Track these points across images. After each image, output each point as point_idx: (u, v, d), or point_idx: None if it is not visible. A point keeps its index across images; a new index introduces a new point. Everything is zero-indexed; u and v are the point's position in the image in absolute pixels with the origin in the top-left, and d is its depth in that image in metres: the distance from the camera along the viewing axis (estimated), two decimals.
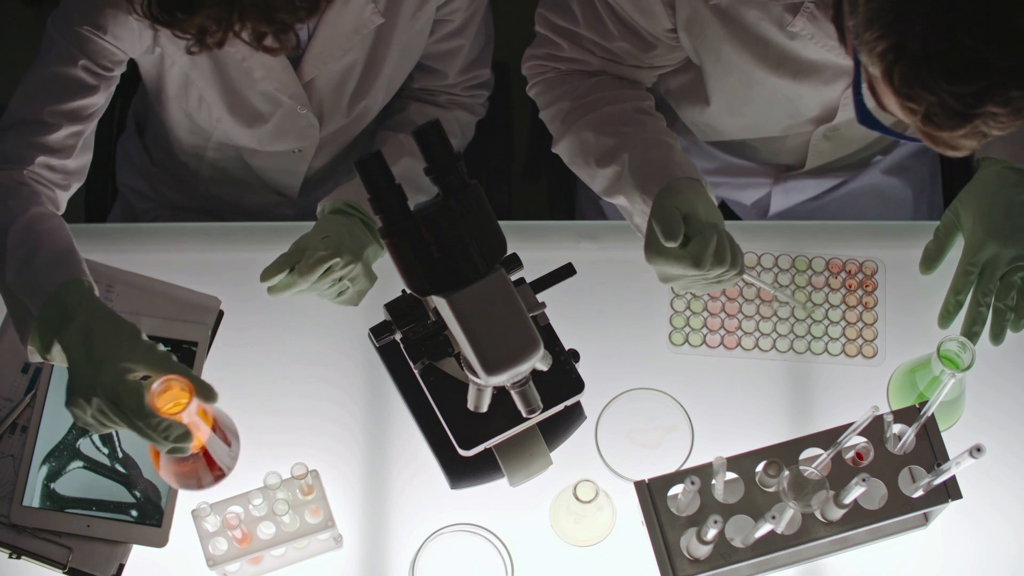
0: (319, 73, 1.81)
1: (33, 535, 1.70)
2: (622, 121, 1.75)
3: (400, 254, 1.40)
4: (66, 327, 1.54)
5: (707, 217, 1.59)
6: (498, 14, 1.91)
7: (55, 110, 1.69)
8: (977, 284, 1.75)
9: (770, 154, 2.01)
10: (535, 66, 1.85)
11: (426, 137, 1.39)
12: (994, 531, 1.72)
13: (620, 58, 1.78)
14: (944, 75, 1.28)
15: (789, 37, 1.66)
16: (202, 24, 1.45)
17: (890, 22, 1.30)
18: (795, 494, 1.52)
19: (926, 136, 1.36)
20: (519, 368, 1.42)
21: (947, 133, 1.33)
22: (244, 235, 1.89)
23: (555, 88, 1.82)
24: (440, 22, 1.84)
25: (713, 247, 1.56)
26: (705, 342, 1.82)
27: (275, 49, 1.50)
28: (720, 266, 1.57)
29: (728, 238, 1.60)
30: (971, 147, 1.36)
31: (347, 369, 1.80)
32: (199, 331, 1.80)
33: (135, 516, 1.72)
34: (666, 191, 1.61)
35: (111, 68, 1.72)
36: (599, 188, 1.77)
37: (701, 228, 1.57)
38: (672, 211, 1.57)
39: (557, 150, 1.84)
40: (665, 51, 1.76)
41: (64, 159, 1.72)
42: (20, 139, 1.69)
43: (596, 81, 1.80)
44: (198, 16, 1.44)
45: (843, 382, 1.79)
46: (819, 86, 1.74)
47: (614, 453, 1.72)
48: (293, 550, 1.69)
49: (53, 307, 1.56)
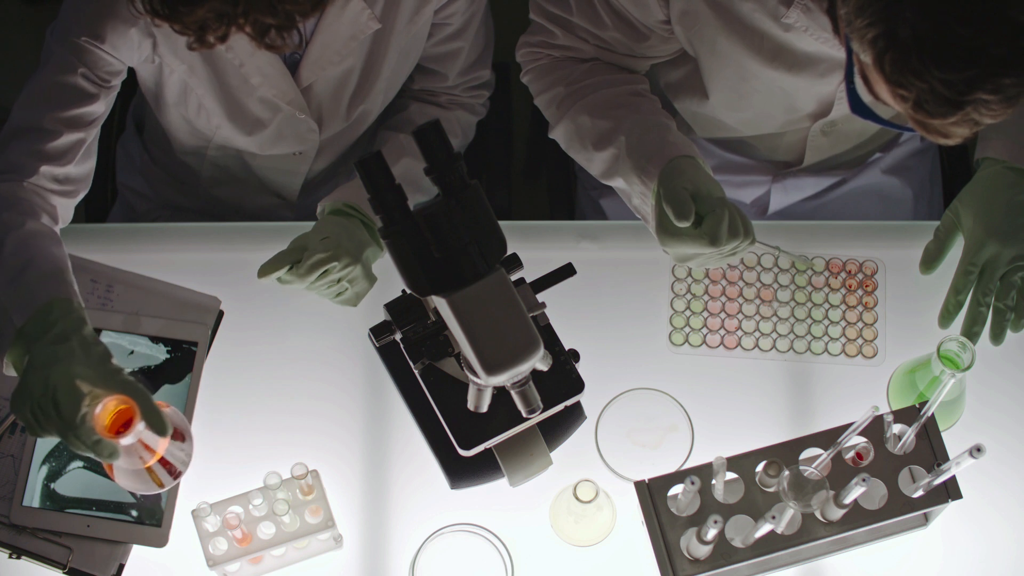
0: (317, 78, 1.81)
1: (33, 535, 1.70)
2: (617, 104, 1.76)
3: (400, 254, 1.40)
4: (42, 339, 1.53)
5: (714, 192, 1.61)
6: (498, 14, 1.91)
7: (56, 117, 1.69)
8: (977, 284, 1.75)
9: (768, 151, 2.01)
10: (529, 53, 1.86)
11: (426, 137, 1.39)
12: (994, 531, 1.72)
13: (613, 47, 1.79)
14: (935, 62, 1.28)
15: (784, 29, 1.66)
16: (204, 18, 1.43)
17: (880, 9, 1.30)
18: (795, 494, 1.52)
19: (917, 124, 1.36)
20: (519, 368, 1.42)
21: (938, 120, 1.33)
22: (244, 235, 1.89)
23: (549, 74, 1.84)
24: (438, 25, 1.84)
25: (727, 222, 1.58)
26: (705, 342, 1.82)
27: (277, 47, 1.49)
28: (735, 239, 1.60)
29: (736, 209, 1.62)
30: (963, 135, 1.36)
31: (347, 369, 1.80)
32: (199, 331, 1.80)
33: (135, 516, 1.72)
34: (669, 172, 1.63)
35: (109, 79, 1.73)
36: (597, 171, 1.79)
37: (712, 205, 1.59)
38: (681, 192, 1.59)
39: (554, 135, 1.85)
40: (658, 42, 1.77)
41: (66, 166, 1.72)
42: (22, 147, 1.69)
43: (589, 66, 1.81)
44: (201, 8, 1.42)
45: (843, 382, 1.79)
46: (815, 79, 1.74)
47: (614, 453, 1.72)
48: (293, 550, 1.69)
49: (36, 322, 1.55)
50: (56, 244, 1.67)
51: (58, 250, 1.66)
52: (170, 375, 1.79)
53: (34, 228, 1.66)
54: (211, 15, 1.42)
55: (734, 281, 1.85)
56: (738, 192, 2.08)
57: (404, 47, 1.84)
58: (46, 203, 1.71)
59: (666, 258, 1.85)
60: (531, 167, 2.57)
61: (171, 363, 1.79)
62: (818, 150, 1.96)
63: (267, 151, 1.92)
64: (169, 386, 1.78)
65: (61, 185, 1.72)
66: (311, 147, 1.94)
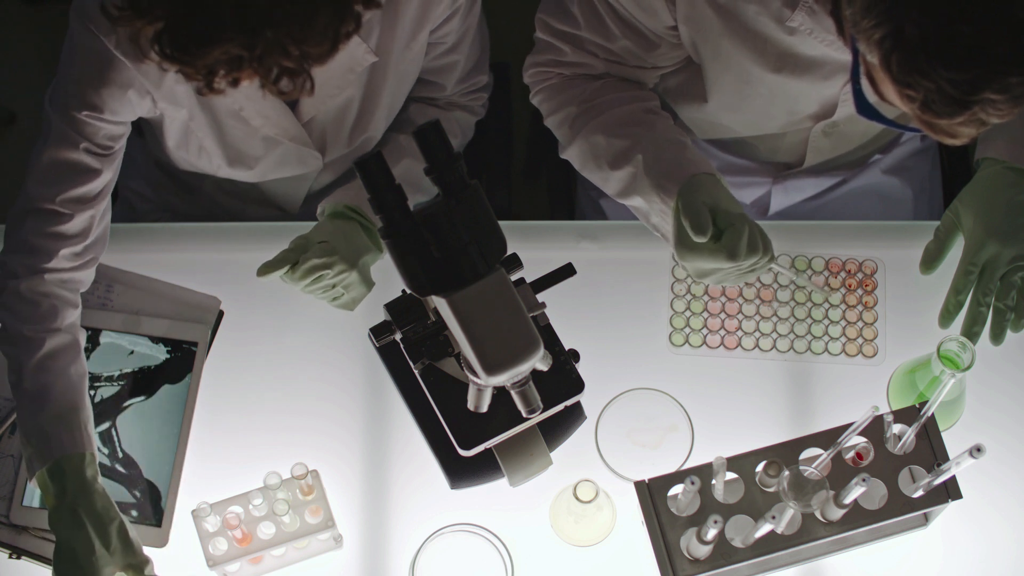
0: (317, 112, 1.80)
1: (33, 535, 1.70)
2: (632, 122, 1.75)
3: (400, 254, 1.40)
4: (59, 505, 1.61)
5: (733, 208, 1.60)
6: (498, 14, 1.91)
7: (66, 198, 1.70)
8: (977, 284, 1.75)
9: (769, 152, 2.01)
10: (537, 73, 1.84)
11: (426, 137, 1.39)
12: (994, 531, 1.72)
13: (623, 59, 1.77)
14: (941, 62, 1.28)
15: (788, 32, 1.66)
16: (216, 61, 1.39)
17: (887, 9, 1.30)
18: (795, 494, 1.52)
19: (925, 124, 1.36)
20: (519, 368, 1.42)
21: (945, 120, 1.33)
22: (244, 235, 1.89)
23: (560, 94, 1.82)
24: (434, 44, 1.82)
25: (747, 238, 1.58)
26: (705, 343, 1.82)
27: (287, 92, 1.45)
28: (753, 255, 1.59)
29: (756, 226, 1.62)
30: (970, 135, 1.36)
31: (347, 369, 1.80)
32: (199, 331, 1.80)
33: (135, 516, 1.72)
34: (688, 187, 1.62)
35: (112, 144, 1.73)
36: (613, 191, 1.77)
37: (731, 220, 1.59)
38: (700, 206, 1.59)
39: (567, 156, 1.83)
40: (668, 49, 1.76)
41: (84, 241, 1.73)
42: (38, 228, 1.70)
43: (601, 84, 1.79)
44: (215, 50, 1.38)
45: (843, 382, 1.79)
46: (818, 82, 1.74)
47: (614, 453, 1.72)
48: (293, 550, 1.69)
49: (52, 477, 1.63)
50: (75, 359, 1.70)
51: (75, 369, 1.69)
52: (170, 375, 1.79)
53: (53, 346, 1.68)
54: (224, 58, 1.39)
55: None
56: (739, 193, 2.08)
57: (402, 72, 1.82)
58: (68, 293, 1.72)
59: (666, 258, 1.86)
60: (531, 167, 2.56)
61: (171, 363, 1.79)
62: (819, 151, 1.95)
63: (269, 177, 1.92)
64: (169, 386, 1.78)
65: (81, 259, 1.73)
66: (314, 169, 1.93)
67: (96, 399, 1.76)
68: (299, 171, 1.92)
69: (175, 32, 1.38)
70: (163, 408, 1.77)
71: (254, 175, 1.90)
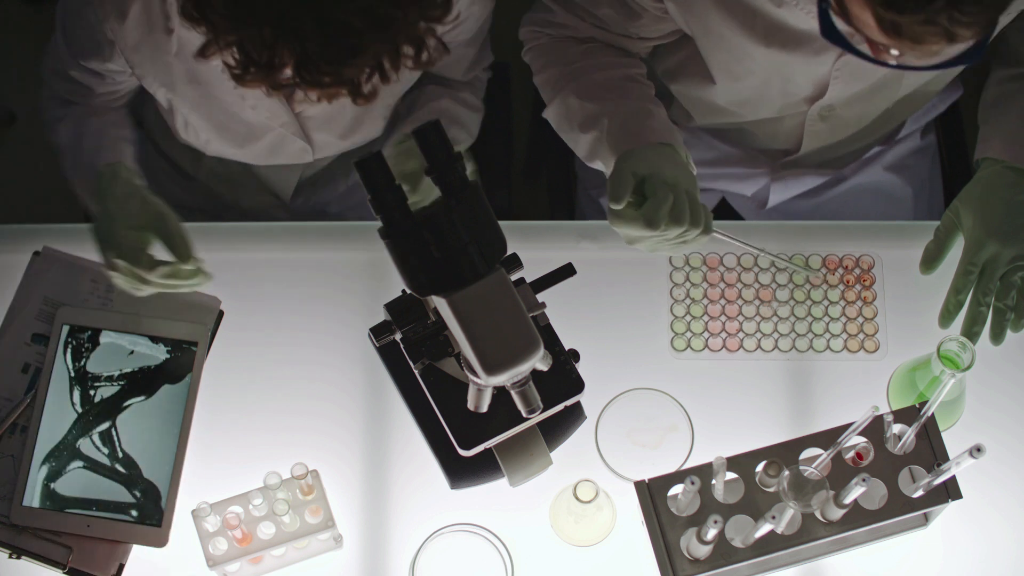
0: (310, 107, 1.80)
1: (33, 535, 1.70)
2: (607, 88, 1.77)
3: (400, 254, 1.40)
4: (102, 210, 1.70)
5: (671, 179, 1.61)
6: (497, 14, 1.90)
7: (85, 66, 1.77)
8: (977, 284, 1.75)
9: (767, 138, 2.00)
10: (530, 31, 1.88)
11: (426, 137, 1.39)
12: (994, 531, 1.72)
13: (607, 25, 1.80)
14: None
15: (777, 4, 1.66)
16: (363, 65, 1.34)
17: None
18: (795, 494, 1.52)
19: (890, 29, 1.34)
20: (519, 368, 1.42)
21: (908, 16, 1.30)
22: (244, 235, 1.90)
23: (547, 54, 1.85)
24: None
25: (667, 207, 1.59)
26: (707, 346, 1.82)
27: (430, 62, 1.43)
28: (678, 225, 1.60)
29: (690, 197, 1.62)
30: (937, 52, 1.34)
31: (347, 369, 1.80)
32: (199, 331, 1.80)
33: (135, 516, 1.72)
34: (627, 154, 1.65)
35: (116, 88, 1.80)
36: (581, 153, 1.80)
37: (656, 189, 1.60)
38: (624, 173, 1.61)
39: (546, 115, 1.86)
40: (651, 21, 1.78)
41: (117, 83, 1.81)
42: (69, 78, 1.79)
43: (586, 48, 1.82)
44: (362, 57, 1.33)
45: (844, 381, 1.79)
46: (809, 57, 1.73)
47: (614, 453, 1.72)
48: (293, 550, 1.69)
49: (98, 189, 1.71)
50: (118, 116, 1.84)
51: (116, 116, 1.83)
52: (170, 375, 1.79)
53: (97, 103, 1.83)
54: (371, 61, 1.34)
55: (732, 283, 1.84)
56: (738, 185, 2.08)
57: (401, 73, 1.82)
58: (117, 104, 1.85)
59: (666, 258, 1.86)
60: (531, 167, 2.57)
61: (171, 363, 1.79)
62: (816, 136, 1.95)
63: (260, 162, 1.92)
64: (169, 386, 1.78)
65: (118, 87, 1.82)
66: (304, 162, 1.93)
67: (96, 399, 1.76)
68: (289, 160, 1.92)
69: (309, 63, 1.33)
70: (163, 408, 1.77)
71: (245, 155, 1.89)
